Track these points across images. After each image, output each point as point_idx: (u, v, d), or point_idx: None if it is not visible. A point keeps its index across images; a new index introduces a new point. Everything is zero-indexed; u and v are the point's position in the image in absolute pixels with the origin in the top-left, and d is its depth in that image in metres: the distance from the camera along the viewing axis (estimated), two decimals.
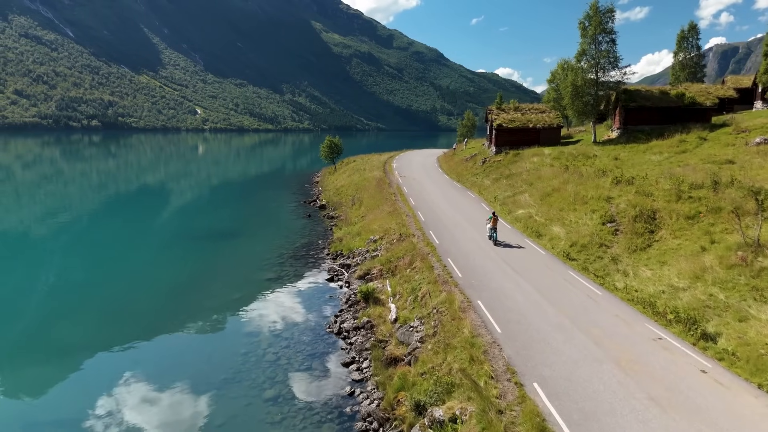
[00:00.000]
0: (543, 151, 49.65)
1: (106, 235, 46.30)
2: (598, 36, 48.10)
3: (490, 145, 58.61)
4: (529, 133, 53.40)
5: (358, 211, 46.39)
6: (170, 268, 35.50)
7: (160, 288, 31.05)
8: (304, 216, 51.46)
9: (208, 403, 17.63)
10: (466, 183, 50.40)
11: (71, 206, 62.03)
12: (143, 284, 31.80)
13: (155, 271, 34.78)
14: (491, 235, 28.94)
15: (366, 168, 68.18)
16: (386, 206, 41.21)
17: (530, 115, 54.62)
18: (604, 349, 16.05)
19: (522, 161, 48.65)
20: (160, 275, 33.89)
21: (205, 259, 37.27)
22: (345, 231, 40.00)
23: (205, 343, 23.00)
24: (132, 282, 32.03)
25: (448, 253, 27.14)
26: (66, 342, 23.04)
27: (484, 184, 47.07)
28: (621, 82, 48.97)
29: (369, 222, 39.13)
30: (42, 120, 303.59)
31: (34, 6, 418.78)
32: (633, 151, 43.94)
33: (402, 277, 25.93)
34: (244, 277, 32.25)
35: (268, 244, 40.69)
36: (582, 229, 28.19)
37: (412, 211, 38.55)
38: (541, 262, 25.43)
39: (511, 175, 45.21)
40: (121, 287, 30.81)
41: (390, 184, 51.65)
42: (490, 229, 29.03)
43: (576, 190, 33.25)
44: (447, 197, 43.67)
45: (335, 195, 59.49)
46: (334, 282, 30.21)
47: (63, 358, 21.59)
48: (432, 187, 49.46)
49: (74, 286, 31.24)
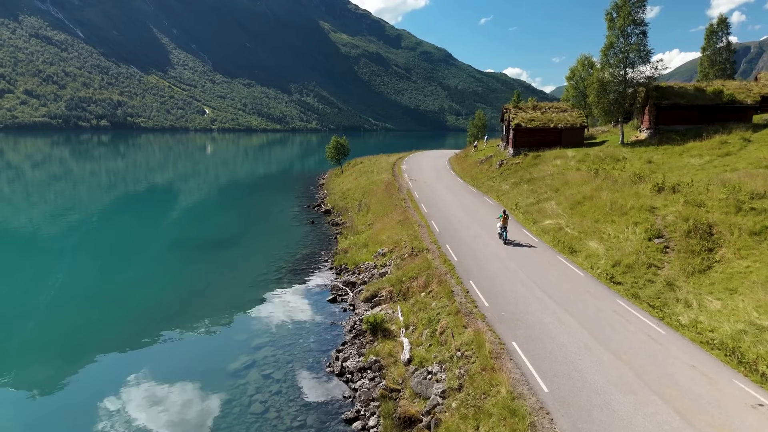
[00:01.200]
0: (566, 153, 45.41)
1: (105, 236, 44.50)
2: (627, 28, 43.75)
3: (506, 146, 54.42)
4: (550, 133, 49.14)
5: (365, 218, 42.47)
6: (152, 286, 31.75)
7: (127, 313, 27.31)
8: (307, 222, 47.63)
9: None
10: (482, 188, 46.27)
11: (80, 206, 62.04)
12: (116, 301, 28.09)
13: (130, 291, 31.04)
14: (501, 234, 28.18)
15: (374, 170, 64.22)
16: (396, 214, 37.22)
17: (551, 114, 50.32)
18: (692, 423, 11.97)
19: (543, 164, 44.45)
20: (138, 294, 30.14)
21: (195, 274, 33.45)
22: (350, 241, 36.07)
23: (178, 391, 18.57)
24: (107, 297, 28.36)
25: (470, 274, 23.12)
26: (70, 340, 23.14)
27: (503, 189, 42.93)
28: (652, 78, 44.58)
29: (377, 231, 35.16)
30: (51, 120, 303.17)
31: (44, 6, 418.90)
32: (667, 153, 39.64)
33: (416, 302, 21.94)
34: (236, 297, 28.41)
35: (266, 255, 36.86)
36: (624, 245, 24.04)
37: (425, 219, 34.54)
38: (582, 286, 21.34)
39: (533, 179, 41.03)
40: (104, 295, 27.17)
41: (399, 189, 47.67)
42: (501, 228, 28.25)
43: (612, 199, 29.07)
44: (463, 204, 39.59)
45: (341, 199, 55.61)
46: (337, 303, 26.28)
47: (68, 356, 21.62)
48: (445, 192, 45.39)
49: (81, 286, 31.19)
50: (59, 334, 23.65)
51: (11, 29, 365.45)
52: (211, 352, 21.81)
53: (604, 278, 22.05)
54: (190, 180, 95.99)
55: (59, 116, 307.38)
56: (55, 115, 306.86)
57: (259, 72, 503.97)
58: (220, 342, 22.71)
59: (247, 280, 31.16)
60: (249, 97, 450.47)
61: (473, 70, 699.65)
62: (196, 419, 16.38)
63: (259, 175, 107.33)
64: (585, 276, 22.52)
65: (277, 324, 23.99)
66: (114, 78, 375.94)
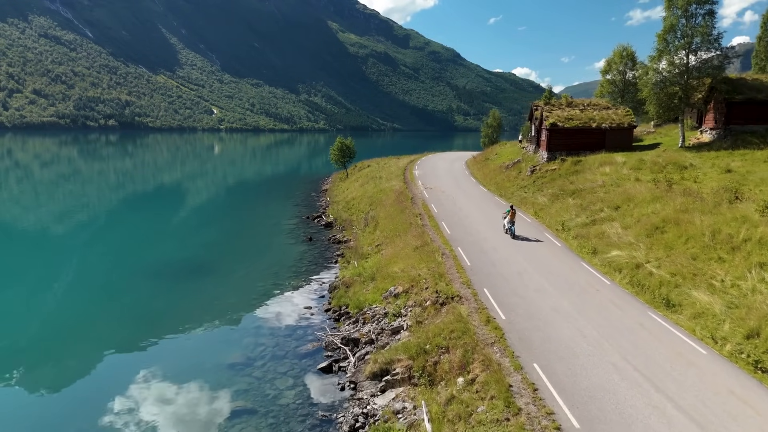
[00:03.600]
0: (614, 158, 37.27)
1: (107, 237, 43.85)
2: (690, 6, 35.58)
3: (536, 148, 46.33)
4: (591, 134, 41.00)
5: (372, 236, 34.68)
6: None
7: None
8: (304, 239, 39.89)
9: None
10: (512, 199, 38.26)
11: (87, 206, 61.59)
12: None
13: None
14: (509, 229, 27.23)
15: (382, 175, 56.30)
16: (411, 236, 29.29)
17: (592, 112, 42.15)
18: None
19: (587, 172, 36.40)
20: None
21: (146, 324, 25.82)
22: (354, 270, 28.17)
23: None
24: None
25: (531, 347, 15.23)
26: (75, 339, 22.65)
27: (539, 203, 34.90)
28: (720, 68, 36.35)
29: (388, 259, 27.25)
30: (60, 120, 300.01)
31: (54, 6, 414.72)
32: (748, 159, 31.52)
33: (451, 398, 13.97)
34: (196, 365, 20.49)
35: (247, 289, 29.09)
36: (754, 300, 15.99)
37: (449, 245, 26.62)
38: (712, 377, 13.33)
39: (579, 191, 32.93)
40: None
41: (413, 200, 39.78)
42: (509, 223, 27.30)
43: (710, 224, 21.00)
44: (494, 222, 31.57)
45: (345, 209, 47.82)
46: (332, 375, 18.42)
47: (72, 355, 21.27)
48: (469, 206, 37.42)
49: (87, 285, 30.66)
50: (65, 333, 23.43)
51: (20, 29, 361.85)
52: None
53: (743, 362, 14.00)
54: (186, 185, 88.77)
55: (67, 116, 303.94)
56: (64, 115, 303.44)
57: (267, 72, 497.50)
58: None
59: (213, 340, 23.38)
60: (257, 97, 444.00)
61: (482, 70, 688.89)
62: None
63: (260, 178, 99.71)
64: (710, 356, 14.47)
65: (242, 426, 16.10)
66: (122, 78, 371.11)
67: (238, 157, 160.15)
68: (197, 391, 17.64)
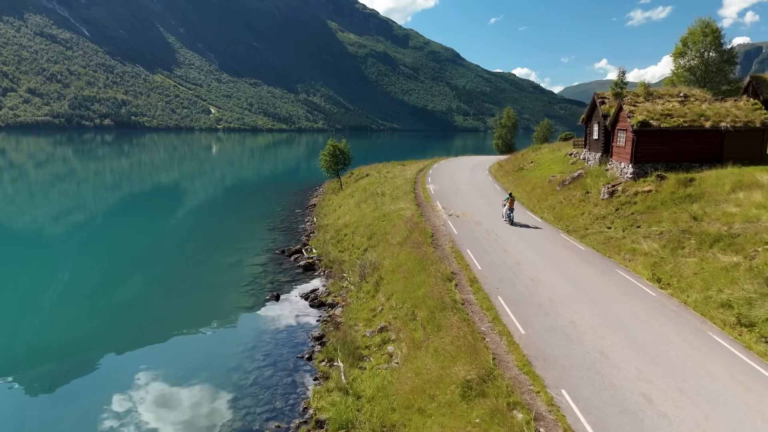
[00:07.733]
0: (755, 176, 22.81)
1: (102, 237, 41.94)
2: None
3: (605, 158, 31.87)
4: (702, 138, 26.54)
5: (372, 302, 20.54)
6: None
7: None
8: (269, 294, 25.54)
9: None
10: (588, 240, 23.86)
11: (83, 206, 58.93)
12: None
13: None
14: (508, 215, 26.91)
15: (385, 191, 41.63)
16: (450, 330, 14.85)
17: (699, 105, 27.57)
18: None
19: (712, 199, 22.05)
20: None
21: None
22: (336, 397, 13.77)
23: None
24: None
25: None
26: (73, 340, 21.27)
27: (643, 250, 20.59)
28: None
29: (407, 378, 12.80)
30: (54, 119, 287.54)
31: (50, 5, 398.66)
32: None
33: None
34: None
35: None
36: None
37: (529, 365, 12.32)
38: None
39: (724, 238, 18.55)
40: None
41: (435, 240, 25.31)
42: (508, 210, 26.97)
43: None
44: (591, 297, 17.18)
45: (334, 241, 33.40)
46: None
47: (70, 356, 19.99)
48: (530, 253, 22.76)
49: (84, 285, 28.55)
50: (62, 333, 21.90)
51: (16, 27, 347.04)
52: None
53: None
54: (154, 197, 74.39)
55: (62, 115, 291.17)
56: (58, 114, 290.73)
57: (265, 71, 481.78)
58: None
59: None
60: (255, 96, 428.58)
61: (481, 70, 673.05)
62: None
63: (243, 185, 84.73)
64: None
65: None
66: (119, 77, 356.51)
67: (229, 160, 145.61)
68: (196, 391, 16.32)
